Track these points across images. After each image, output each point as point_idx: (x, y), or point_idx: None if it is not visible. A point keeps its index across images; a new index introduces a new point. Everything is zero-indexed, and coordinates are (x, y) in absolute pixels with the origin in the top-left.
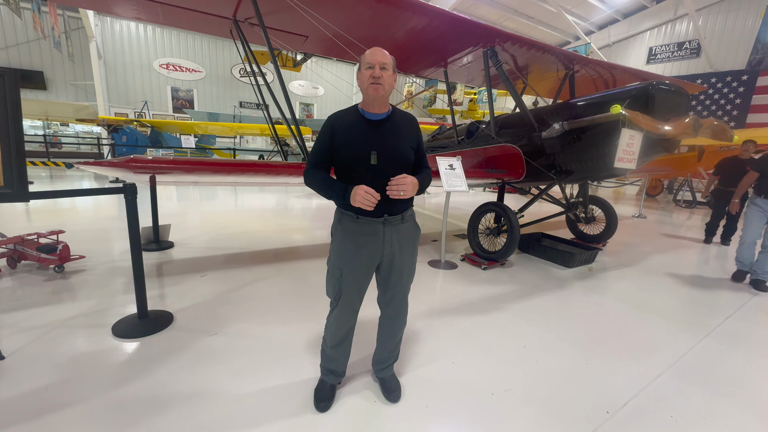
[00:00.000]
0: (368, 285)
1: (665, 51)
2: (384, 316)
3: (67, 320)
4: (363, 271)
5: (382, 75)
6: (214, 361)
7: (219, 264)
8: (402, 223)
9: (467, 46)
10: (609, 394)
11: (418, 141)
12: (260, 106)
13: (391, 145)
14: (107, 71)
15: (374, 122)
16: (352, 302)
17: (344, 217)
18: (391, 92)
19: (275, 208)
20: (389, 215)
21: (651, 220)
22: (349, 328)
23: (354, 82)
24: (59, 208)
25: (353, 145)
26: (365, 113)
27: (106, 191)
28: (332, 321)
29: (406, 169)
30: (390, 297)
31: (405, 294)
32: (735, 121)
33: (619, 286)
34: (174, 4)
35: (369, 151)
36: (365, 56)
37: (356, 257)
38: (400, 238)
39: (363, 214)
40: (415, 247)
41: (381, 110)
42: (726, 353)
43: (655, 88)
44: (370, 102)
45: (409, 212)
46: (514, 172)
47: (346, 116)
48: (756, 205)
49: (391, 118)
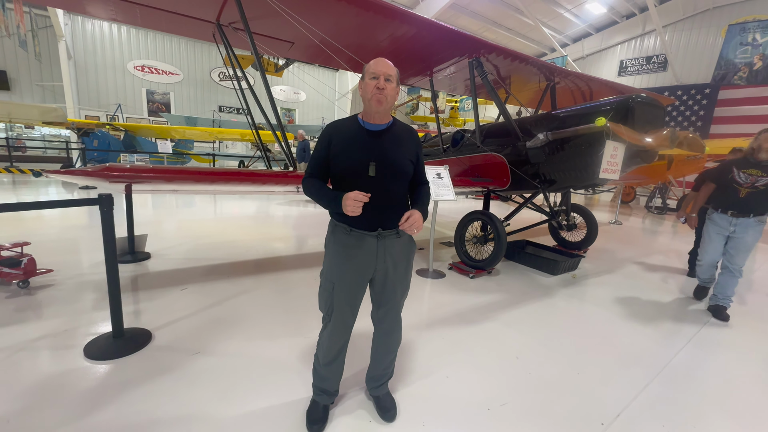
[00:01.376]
0: (362, 300)
1: (635, 64)
2: (378, 332)
3: (32, 341)
4: (355, 285)
5: (386, 87)
6: (197, 383)
7: (199, 276)
8: (397, 237)
9: (453, 56)
10: (602, 404)
11: (417, 154)
12: (242, 111)
13: (391, 156)
14: (77, 72)
15: (374, 133)
16: (345, 318)
17: (337, 229)
18: (393, 105)
19: (256, 215)
20: (384, 229)
21: (626, 226)
22: (342, 344)
23: (336, 86)
24: (24, 217)
25: (351, 155)
26: (365, 123)
27: (79, 203)
28: (325, 338)
29: (404, 181)
30: (384, 312)
31: (399, 309)
32: (699, 131)
33: (601, 292)
34: (154, 6)
35: (367, 162)
36: (370, 66)
37: (348, 271)
38: (395, 252)
39: (357, 227)
40: (410, 263)
41: (382, 121)
42: (709, 358)
43: (634, 101)
44: (371, 113)
45: None
46: (499, 180)
47: (345, 125)
48: (712, 221)
49: (392, 128)
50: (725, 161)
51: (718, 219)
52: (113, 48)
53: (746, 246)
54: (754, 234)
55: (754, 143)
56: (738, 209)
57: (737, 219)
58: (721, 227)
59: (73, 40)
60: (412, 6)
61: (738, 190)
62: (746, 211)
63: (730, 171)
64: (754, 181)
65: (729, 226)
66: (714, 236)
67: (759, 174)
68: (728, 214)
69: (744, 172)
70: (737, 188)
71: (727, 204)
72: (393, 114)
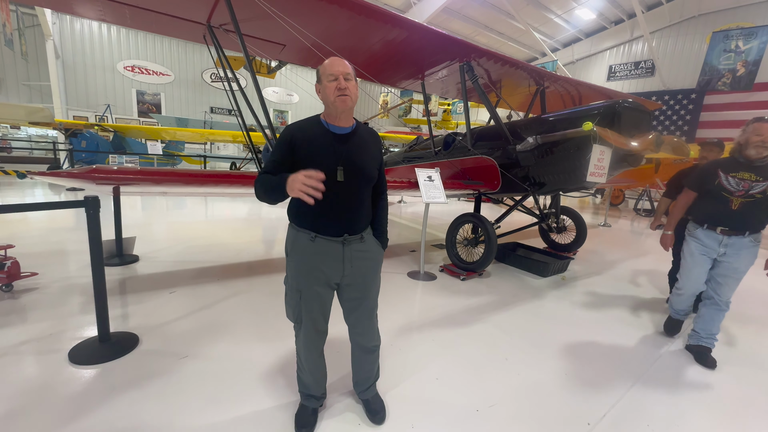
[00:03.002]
0: (331, 305)
1: (624, 69)
2: (353, 336)
3: (15, 346)
4: (323, 292)
5: (347, 86)
6: (185, 387)
7: (189, 279)
8: (361, 242)
9: (444, 60)
10: (589, 405)
11: (381, 159)
12: (233, 112)
13: (358, 160)
14: (66, 72)
15: (340, 136)
16: (317, 325)
17: (300, 236)
18: (356, 102)
19: (247, 217)
20: (349, 234)
21: (615, 229)
22: (319, 350)
23: None
24: (8, 219)
25: (318, 159)
26: (330, 126)
27: (65, 205)
28: (300, 345)
29: (370, 186)
30: (356, 318)
31: (372, 312)
32: (685, 135)
33: (590, 294)
34: (143, 7)
35: (336, 167)
36: (325, 68)
37: (315, 279)
38: (361, 256)
39: (322, 234)
40: (379, 265)
41: (347, 123)
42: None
43: (621, 105)
44: (336, 114)
45: (368, 230)
46: (490, 183)
47: (308, 128)
48: (695, 238)
49: (357, 132)
50: (708, 162)
51: (704, 237)
52: (102, 48)
53: (737, 273)
54: (747, 258)
55: (740, 137)
56: (730, 225)
57: (729, 238)
58: (708, 248)
59: (61, 39)
60: (404, 9)
61: (729, 199)
62: (740, 227)
63: (716, 175)
64: (747, 187)
65: (718, 246)
66: (699, 258)
67: (752, 178)
68: (717, 231)
69: (733, 177)
70: (727, 197)
71: (716, 218)
72: (385, 117)
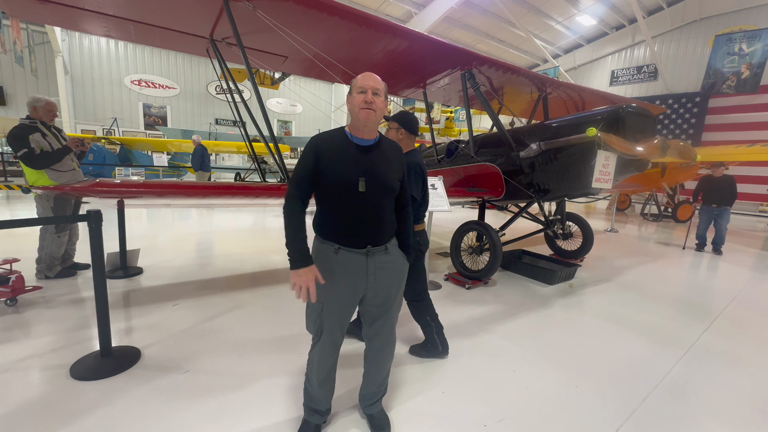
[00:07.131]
0: (351, 318)
1: (626, 74)
2: (370, 349)
3: (18, 361)
4: (345, 305)
5: (374, 100)
6: (186, 403)
7: (192, 291)
8: (386, 253)
9: (446, 69)
10: (601, 418)
11: (404, 173)
12: (237, 124)
13: (381, 172)
14: (74, 87)
15: (363, 148)
16: (335, 337)
17: (324, 247)
18: (381, 118)
19: (252, 228)
20: (373, 246)
21: (622, 234)
22: (333, 363)
23: (332, 100)
24: (13, 233)
25: (341, 170)
26: (353, 138)
27: (68, 219)
28: (314, 357)
29: (392, 197)
30: (376, 329)
31: (392, 326)
32: (691, 139)
33: (598, 302)
34: (147, 23)
35: (357, 177)
36: (357, 80)
37: (338, 291)
38: (385, 269)
39: (345, 246)
40: (403, 277)
41: (370, 136)
42: (706, 369)
43: (625, 111)
44: (360, 127)
45: (392, 241)
46: (494, 190)
47: (332, 139)
48: None
49: (380, 145)
50: None
51: None
52: (110, 63)
53: None
54: None
55: None
56: None
57: None
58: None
59: (70, 55)
60: (405, 19)
61: None
62: None
63: None
64: None
65: None
66: None
67: None
68: None
69: None
70: None
71: None
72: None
